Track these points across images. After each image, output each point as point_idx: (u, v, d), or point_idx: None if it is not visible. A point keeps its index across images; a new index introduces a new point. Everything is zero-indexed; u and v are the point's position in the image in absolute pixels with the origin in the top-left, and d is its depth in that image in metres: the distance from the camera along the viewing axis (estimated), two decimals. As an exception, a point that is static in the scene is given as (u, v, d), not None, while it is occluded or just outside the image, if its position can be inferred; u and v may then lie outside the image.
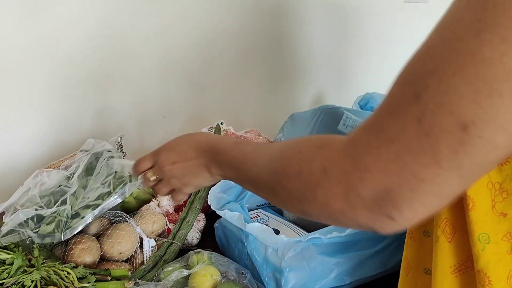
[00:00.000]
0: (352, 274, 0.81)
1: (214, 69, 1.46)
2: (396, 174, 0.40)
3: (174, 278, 0.80)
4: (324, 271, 0.78)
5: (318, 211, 0.47)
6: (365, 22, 1.64)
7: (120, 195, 0.91)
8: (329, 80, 1.65)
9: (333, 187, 0.44)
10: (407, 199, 0.40)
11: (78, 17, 1.23)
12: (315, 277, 0.78)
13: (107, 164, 0.98)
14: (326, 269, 0.78)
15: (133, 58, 1.33)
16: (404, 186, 0.40)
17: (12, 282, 0.74)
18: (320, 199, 0.46)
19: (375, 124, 0.43)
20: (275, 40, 1.51)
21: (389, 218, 0.41)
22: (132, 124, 1.39)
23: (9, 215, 0.93)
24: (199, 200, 1.02)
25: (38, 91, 1.24)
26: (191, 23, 1.37)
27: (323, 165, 0.45)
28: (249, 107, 1.55)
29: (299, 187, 0.48)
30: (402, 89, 0.42)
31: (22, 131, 1.25)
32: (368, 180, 0.41)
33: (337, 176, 0.43)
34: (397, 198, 0.40)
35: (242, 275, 0.81)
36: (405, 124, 0.40)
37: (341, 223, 0.46)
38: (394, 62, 1.76)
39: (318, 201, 0.46)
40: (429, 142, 0.38)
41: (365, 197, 0.42)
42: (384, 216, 0.42)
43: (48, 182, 0.97)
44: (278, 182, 0.51)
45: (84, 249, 0.87)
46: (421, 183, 0.39)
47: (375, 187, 0.41)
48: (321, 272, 0.78)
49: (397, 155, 0.40)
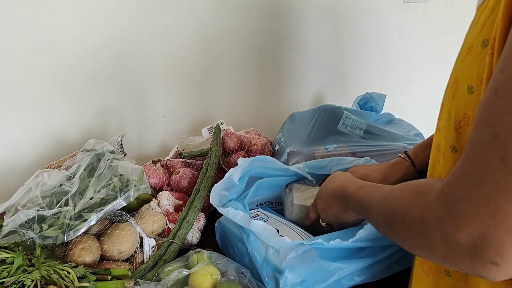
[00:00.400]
0: (353, 279, 0.81)
1: (214, 69, 1.46)
2: (490, 217, 0.40)
3: (174, 278, 0.80)
4: (324, 274, 0.78)
5: (427, 257, 0.49)
6: (365, 22, 1.65)
7: (124, 198, 0.92)
8: (329, 80, 1.66)
9: (433, 235, 0.45)
10: (507, 241, 0.40)
11: (78, 18, 1.23)
12: (315, 280, 0.78)
13: (111, 166, 0.98)
14: (326, 273, 0.78)
15: (133, 58, 1.33)
16: (501, 228, 0.39)
17: (12, 282, 0.74)
18: (424, 247, 0.47)
19: (462, 170, 0.44)
20: (275, 40, 1.52)
21: (493, 263, 0.41)
22: (132, 124, 1.39)
23: (10, 215, 0.93)
24: (199, 199, 1.02)
25: (38, 91, 1.24)
26: (192, 23, 1.38)
27: (422, 214, 0.47)
28: (249, 107, 1.55)
29: (406, 234, 0.50)
30: (479, 133, 0.42)
31: (22, 131, 1.25)
32: (463, 226, 0.42)
33: (434, 224, 0.44)
34: (496, 242, 0.40)
35: (242, 274, 0.81)
36: (489, 166, 0.40)
37: (454, 268, 0.46)
38: (394, 62, 1.76)
39: (423, 248, 0.47)
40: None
41: (463, 243, 0.42)
42: (486, 262, 0.41)
43: (48, 182, 0.97)
44: (390, 228, 0.53)
45: (84, 249, 0.87)
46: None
47: (471, 232, 0.41)
48: (321, 275, 0.78)
49: (487, 198, 0.40)
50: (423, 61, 1.76)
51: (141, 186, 0.95)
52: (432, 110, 1.67)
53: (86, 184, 0.95)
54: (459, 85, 0.54)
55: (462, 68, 0.54)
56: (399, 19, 1.70)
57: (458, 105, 0.54)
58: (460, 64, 0.55)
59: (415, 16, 1.71)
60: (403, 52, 1.74)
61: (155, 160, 1.22)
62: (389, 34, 1.70)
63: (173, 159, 1.25)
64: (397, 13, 1.68)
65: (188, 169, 1.18)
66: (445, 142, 0.59)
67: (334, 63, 1.65)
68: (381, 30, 1.68)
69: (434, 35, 1.75)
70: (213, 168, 1.09)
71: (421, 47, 1.74)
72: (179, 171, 1.17)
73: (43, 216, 0.89)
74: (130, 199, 0.92)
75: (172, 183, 1.16)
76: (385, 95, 1.37)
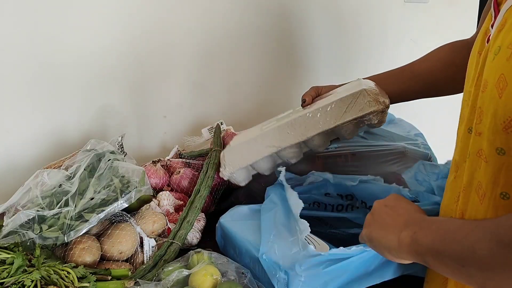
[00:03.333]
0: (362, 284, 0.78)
1: (214, 69, 1.46)
2: None
3: (174, 278, 0.80)
4: (335, 283, 0.76)
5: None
6: (365, 22, 1.64)
7: (126, 200, 0.92)
8: (329, 80, 1.65)
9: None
10: None
11: (77, 18, 1.23)
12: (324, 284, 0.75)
13: (112, 166, 0.97)
14: (338, 282, 0.76)
15: (133, 58, 1.33)
16: None
17: (12, 282, 0.74)
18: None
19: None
20: (275, 40, 1.52)
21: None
22: (132, 124, 1.39)
23: (10, 215, 0.93)
24: (199, 200, 1.02)
25: (39, 91, 1.24)
26: (192, 23, 1.38)
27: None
28: (249, 107, 1.55)
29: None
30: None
31: (23, 131, 1.25)
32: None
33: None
34: None
35: (242, 274, 0.81)
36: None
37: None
38: (394, 62, 1.77)
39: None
40: None
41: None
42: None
43: (48, 182, 0.97)
44: (503, 254, 0.47)
45: (84, 249, 0.87)
46: None
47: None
48: (331, 282, 0.76)
49: None
50: (423, 61, 1.76)
51: (143, 187, 0.95)
52: (432, 110, 1.67)
53: (86, 184, 0.95)
54: (507, 83, 0.53)
55: (510, 65, 0.53)
56: (399, 19, 1.70)
57: (508, 104, 0.53)
58: (505, 62, 0.54)
59: (415, 16, 1.71)
60: (403, 52, 1.73)
61: (156, 160, 1.22)
62: (389, 34, 1.70)
63: (174, 159, 1.25)
64: (397, 13, 1.68)
65: (188, 169, 1.18)
66: (488, 146, 0.57)
67: (334, 63, 1.65)
68: (382, 30, 1.68)
69: (434, 35, 1.75)
70: (214, 168, 1.09)
71: (421, 47, 1.74)
72: (180, 171, 1.17)
73: (43, 216, 0.89)
74: (131, 200, 0.92)
75: (173, 183, 1.16)
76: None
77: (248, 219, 0.92)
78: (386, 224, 0.66)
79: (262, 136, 0.91)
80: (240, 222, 0.92)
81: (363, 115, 0.85)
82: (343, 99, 0.86)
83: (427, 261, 0.58)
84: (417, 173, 0.94)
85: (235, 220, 0.93)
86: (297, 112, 0.95)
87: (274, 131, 0.90)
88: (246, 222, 0.91)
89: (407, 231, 0.61)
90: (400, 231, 0.62)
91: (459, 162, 0.67)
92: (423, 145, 1.20)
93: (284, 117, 0.97)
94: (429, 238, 0.58)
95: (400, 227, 0.63)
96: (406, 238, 0.61)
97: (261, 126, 1.01)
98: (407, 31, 1.71)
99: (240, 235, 0.88)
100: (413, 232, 0.60)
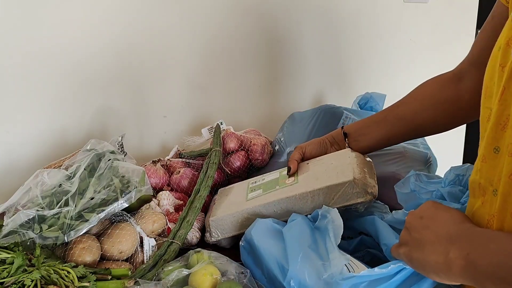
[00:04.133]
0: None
1: (214, 69, 1.46)
2: None
3: (174, 278, 0.80)
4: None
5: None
6: (365, 22, 1.65)
7: (126, 200, 0.92)
8: (329, 80, 1.66)
9: None
10: None
11: (77, 18, 1.23)
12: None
13: (112, 166, 0.98)
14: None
15: (134, 58, 1.33)
16: None
17: (12, 282, 0.74)
18: None
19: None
20: (275, 40, 1.52)
21: None
22: (132, 124, 1.39)
23: (10, 215, 0.93)
24: (199, 199, 1.02)
25: (38, 91, 1.24)
26: (192, 24, 1.38)
27: None
28: (249, 107, 1.55)
29: None
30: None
31: (23, 131, 1.25)
32: None
33: None
34: None
35: (242, 274, 0.81)
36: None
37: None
38: (394, 62, 1.76)
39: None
40: None
41: None
42: None
43: (48, 181, 0.97)
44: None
45: (84, 249, 0.87)
46: None
47: None
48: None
49: None
50: (423, 61, 1.76)
51: (143, 187, 0.95)
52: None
53: (86, 184, 0.95)
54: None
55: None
56: (399, 19, 1.70)
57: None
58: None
59: (415, 16, 1.71)
60: (403, 52, 1.74)
61: (155, 160, 1.22)
62: (389, 34, 1.70)
63: (174, 159, 1.25)
64: (397, 13, 1.69)
65: (188, 169, 1.18)
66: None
67: (334, 63, 1.65)
68: (381, 30, 1.68)
69: (434, 35, 1.75)
70: (213, 168, 1.10)
71: (421, 47, 1.74)
72: (179, 171, 1.17)
73: (43, 216, 0.89)
74: (131, 200, 0.92)
75: (172, 183, 1.16)
76: (385, 95, 1.37)
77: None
78: (426, 241, 0.59)
79: (248, 210, 0.93)
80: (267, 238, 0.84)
81: (350, 204, 0.87)
82: (331, 187, 0.87)
83: (487, 286, 0.52)
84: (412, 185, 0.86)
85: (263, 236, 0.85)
86: (284, 185, 0.95)
87: (260, 208, 0.92)
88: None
89: (457, 250, 0.55)
90: (447, 250, 0.56)
91: (486, 186, 0.61)
92: (423, 145, 1.20)
93: (270, 186, 0.97)
94: (487, 261, 0.51)
95: (445, 244, 0.56)
96: (458, 260, 0.54)
97: (247, 187, 1.01)
98: (406, 31, 1.71)
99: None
100: (466, 253, 0.54)
